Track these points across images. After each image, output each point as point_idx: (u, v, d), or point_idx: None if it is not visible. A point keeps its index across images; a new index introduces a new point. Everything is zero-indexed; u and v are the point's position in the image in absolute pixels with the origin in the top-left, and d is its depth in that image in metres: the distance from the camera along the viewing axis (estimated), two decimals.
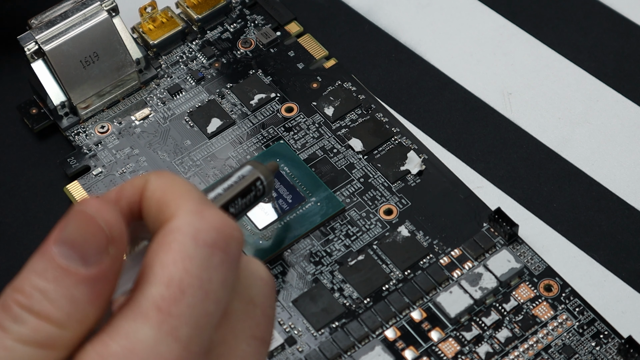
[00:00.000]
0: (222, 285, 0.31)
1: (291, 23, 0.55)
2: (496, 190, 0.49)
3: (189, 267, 0.30)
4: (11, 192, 0.51)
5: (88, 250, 0.30)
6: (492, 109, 0.52)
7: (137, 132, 0.51)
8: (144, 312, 0.30)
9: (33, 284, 0.30)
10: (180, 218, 0.31)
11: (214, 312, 0.31)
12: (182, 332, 0.30)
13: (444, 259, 0.46)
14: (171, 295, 0.30)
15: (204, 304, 0.31)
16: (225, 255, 0.31)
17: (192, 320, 0.30)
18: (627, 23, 0.54)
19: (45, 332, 0.30)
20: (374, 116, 0.51)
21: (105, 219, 0.30)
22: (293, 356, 0.44)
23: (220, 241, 0.31)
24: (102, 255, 0.30)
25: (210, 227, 0.31)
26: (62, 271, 0.30)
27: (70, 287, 0.30)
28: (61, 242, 0.30)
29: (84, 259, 0.30)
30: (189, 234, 0.31)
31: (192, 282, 0.30)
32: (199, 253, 0.31)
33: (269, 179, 0.42)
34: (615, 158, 0.50)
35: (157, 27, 0.54)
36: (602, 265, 0.46)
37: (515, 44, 0.54)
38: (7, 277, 0.48)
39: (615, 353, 0.43)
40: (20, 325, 0.30)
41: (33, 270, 0.30)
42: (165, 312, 0.30)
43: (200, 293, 0.31)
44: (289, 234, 0.47)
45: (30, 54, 0.50)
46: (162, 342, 0.30)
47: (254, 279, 0.34)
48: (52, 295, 0.30)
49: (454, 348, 0.44)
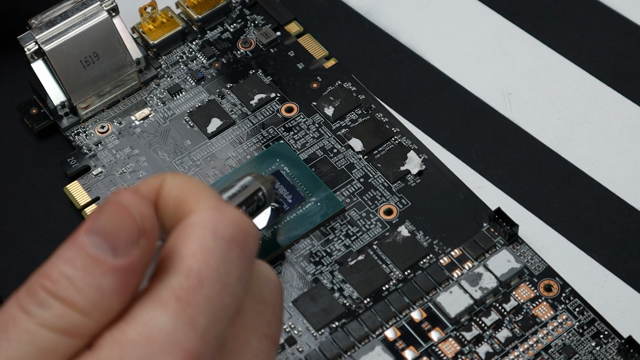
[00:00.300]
0: (238, 280, 0.31)
1: (291, 23, 0.55)
2: (496, 190, 0.49)
3: (208, 260, 0.31)
4: (11, 192, 0.51)
5: (119, 240, 0.30)
6: (492, 109, 0.52)
7: (137, 132, 0.51)
8: (162, 301, 0.30)
9: (61, 270, 0.30)
10: (200, 213, 0.32)
11: (230, 305, 0.31)
12: (199, 322, 0.30)
13: (444, 259, 0.46)
14: (190, 285, 0.30)
15: (221, 296, 0.31)
16: (242, 250, 0.32)
17: (210, 311, 0.31)
18: (627, 23, 0.54)
19: (69, 319, 0.30)
20: (374, 116, 0.51)
21: (140, 211, 0.31)
22: (293, 356, 0.44)
23: (238, 236, 0.32)
24: (133, 246, 0.30)
25: (229, 222, 0.32)
26: (91, 260, 0.30)
27: (98, 276, 0.30)
28: (93, 232, 0.30)
29: (114, 249, 0.30)
30: (208, 227, 0.31)
31: (211, 274, 0.31)
32: (217, 246, 0.31)
33: (269, 189, 0.43)
34: (615, 158, 0.50)
35: (157, 27, 0.54)
36: (602, 265, 0.46)
37: (515, 44, 0.54)
38: (7, 277, 0.48)
39: (615, 353, 0.43)
40: (45, 310, 0.30)
41: (62, 257, 0.30)
42: (184, 302, 0.30)
43: (218, 285, 0.31)
44: (289, 234, 0.47)
45: (30, 54, 0.50)
46: (180, 330, 0.30)
47: (265, 281, 0.34)
48: (79, 283, 0.30)
49: (454, 348, 0.44)
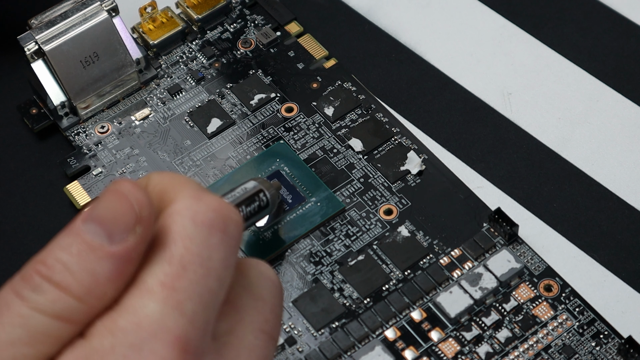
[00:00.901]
0: (222, 264, 0.32)
1: (291, 23, 0.55)
2: (496, 190, 0.49)
3: (189, 245, 0.31)
4: (11, 192, 0.51)
5: (116, 227, 0.30)
6: (492, 109, 0.52)
7: (137, 132, 0.51)
8: (149, 289, 0.31)
9: (56, 256, 0.30)
10: (179, 202, 0.32)
11: (217, 289, 0.32)
12: (187, 306, 0.31)
13: (444, 259, 0.46)
14: (173, 271, 0.31)
15: (206, 280, 0.31)
16: (224, 235, 0.32)
17: (196, 295, 0.31)
18: (627, 23, 0.54)
19: (62, 304, 0.30)
20: (374, 116, 0.51)
21: (137, 198, 0.31)
22: (293, 356, 0.44)
23: (218, 222, 0.32)
24: (129, 233, 0.31)
25: (208, 208, 0.32)
26: (86, 246, 0.30)
27: (93, 261, 0.30)
28: (90, 219, 0.31)
29: (111, 235, 0.30)
30: (187, 215, 0.32)
31: (193, 259, 0.31)
32: (197, 233, 0.31)
33: (272, 193, 0.44)
34: (615, 158, 0.50)
35: (157, 27, 0.54)
36: (602, 265, 0.46)
37: (515, 44, 0.54)
38: (7, 277, 0.48)
39: (615, 353, 0.43)
40: (39, 294, 0.30)
41: (58, 244, 0.30)
42: (170, 287, 0.31)
43: (201, 269, 0.31)
44: (289, 234, 0.47)
45: (30, 54, 0.50)
46: (169, 315, 0.30)
47: (264, 279, 0.34)
48: (74, 268, 0.30)
49: (454, 348, 0.44)
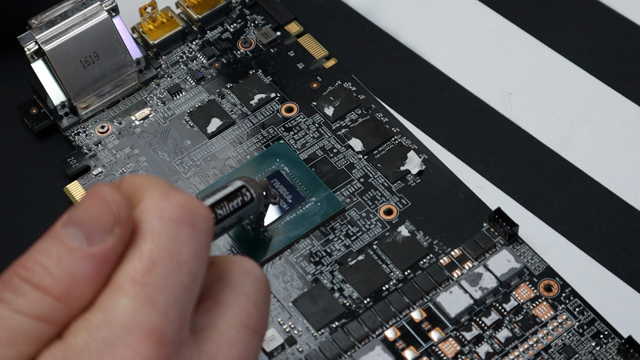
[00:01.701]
0: (193, 258, 0.32)
1: (291, 23, 0.55)
2: (496, 190, 0.49)
3: (157, 241, 0.31)
4: (11, 192, 0.51)
5: (94, 229, 0.31)
6: (492, 109, 0.52)
7: (137, 132, 0.51)
8: (120, 286, 0.31)
9: (36, 259, 0.31)
10: (146, 201, 0.32)
11: (189, 283, 0.32)
12: (159, 300, 0.31)
13: (444, 259, 0.46)
14: (143, 266, 0.31)
15: (176, 274, 0.31)
16: (193, 229, 0.32)
17: (168, 289, 0.31)
18: (627, 23, 0.54)
19: (42, 305, 0.30)
20: (374, 116, 0.51)
21: (115, 200, 0.31)
22: (293, 356, 0.44)
23: (186, 217, 0.32)
24: (108, 234, 0.31)
25: (174, 205, 0.32)
26: (65, 248, 0.31)
27: (72, 263, 0.31)
28: (69, 223, 0.31)
29: (90, 237, 0.31)
30: (154, 213, 0.32)
31: (162, 254, 0.31)
32: (165, 228, 0.32)
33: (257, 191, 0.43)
34: (615, 158, 0.50)
35: (157, 27, 0.54)
36: (602, 265, 0.46)
37: (515, 44, 0.54)
38: None
39: (615, 353, 0.43)
40: (19, 296, 0.30)
41: (37, 248, 0.31)
42: (140, 282, 0.31)
43: (171, 264, 0.31)
44: (289, 234, 0.47)
45: (30, 54, 0.50)
46: (140, 310, 0.31)
47: (247, 275, 0.34)
48: (53, 269, 0.30)
49: (454, 348, 0.44)
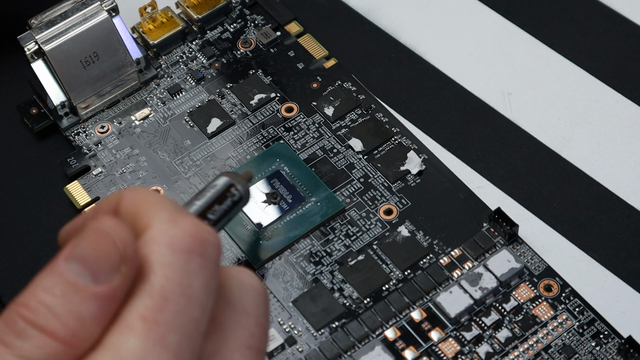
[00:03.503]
0: (204, 290, 0.31)
1: (291, 23, 0.55)
2: (496, 190, 0.49)
3: (169, 275, 0.30)
4: (11, 192, 0.51)
5: (100, 267, 0.29)
6: (492, 109, 0.52)
7: (137, 132, 0.51)
8: (129, 324, 0.30)
9: (40, 299, 0.29)
10: (154, 228, 0.31)
11: (200, 317, 0.31)
12: (170, 339, 0.30)
13: (444, 259, 0.46)
14: (155, 304, 0.30)
15: (188, 309, 0.30)
16: (203, 260, 0.31)
17: (179, 327, 0.30)
18: (627, 23, 0.54)
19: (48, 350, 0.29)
20: (374, 116, 0.51)
21: (121, 237, 0.30)
22: (293, 356, 0.44)
23: (196, 247, 0.31)
24: (114, 273, 0.29)
25: (184, 233, 0.31)
26: (70, 287, 0.29)
27: (77, 303, 0.29)
28: (72, 258, 0.29)
29: (95, 276, 0.29)
30: (164, 243, 0.31)
31: (174, 289, 0.30)
32: (176, 260, 0.30)
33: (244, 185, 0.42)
34: (615, 158, 0.50)
35: (157, 27, 0.54)
36: (602, 265, 0.46)
37: (515, 44, 0.54)
38: (7, 277, 0.48)
39: (615, 353, 0.43)
40: (24, 340, 0.29)
41: (40, 285, 0.29)
42: (151, 321, 0.30)
43: (183, 299, 0.30)
44: (289, 234, 0.47)
45: (30, 54, 0.50)
46: (151, 351, 0.29)
47: (246, 289, 0.33)
48: (59, 311, 0.29)
49: (454, 348, 0.44)
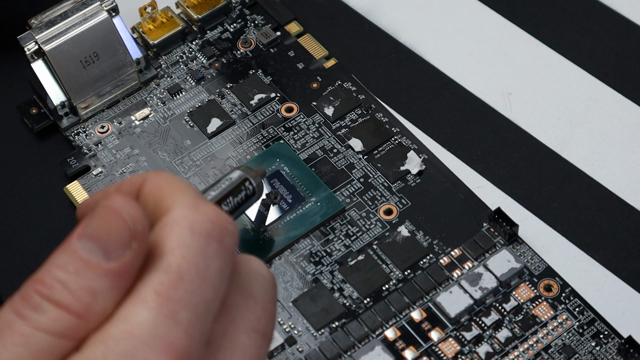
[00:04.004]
0: (218, 274, 0.32)
1: (291, 23, 0.55)
2: (496, 190, 0.49)
3: (186, 255, 0.31)
4: (11, 192, 0.51)
5: (111, 244, 0.31)
6: (492, 109, 0.52)
7: (137, 132, 0.51)
8: (143, 297, 0.31)
9: (54, 275, 0.30)
10: (177, 211, 0.32)
11: (212, 299, 0.32)
12: (181, 316, 0.31)
13: (444, 259, 0.46)
14: (170, 280, 0.31)
15: (202, 290, 0.31)
16: (220, 245, 0.32)
17: (192, 305, 0.31)
18: (627, 23, 0.54)
19: (63, 322, 0.30)
20: (374, 116, 0.51)
21: (131, 214, 0.31)
22: (293, 356, 0.44)
23: (215, 232, 0.32)
24: (125, 249, 0.31)
25: (205, 218, 0.32)
26: (83, 264, 0.30)
27: (91, 279, 0.30)
28: (85, 236, 0.31)
29: (107, 252, 0.30)
30: (185, 225, 0.32)
31: (190, 269, 0.31)
32: (195, 242, 0.32)
33: (257, 181, 0.43)
34: (615, 158, 0.50)
35: (157, 27, 0.54)
36: (602, 265, 0.46)
37: (515, 44, 0.54)
38: (7, 277, 0.48)
39: (615, 353, 0.43)
40: (40, 314, 0.30)
41: (55, 263, 0.31)
42: (165, 297, 0.31)
43: (198, 279, 0.31)
44: (289, 234, 0.47)
45: (30, 54, 0.50)
46: (162, 324, 0.30)
47: (255, 276, 0.34)
48: (73, 287, 0.30)
49: (454, 348, 0.44)
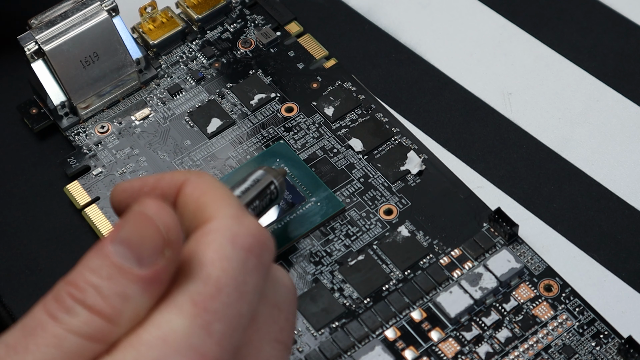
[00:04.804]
0: (254, 289, 0.32)
1: (291, 23, 0.55)
2: (496, 190, 0.49)
3: (227, 267, 0.31)
4: (11, 192, 0.51)
5: (144, 251, 0.31)
6: (492, 109, 0.52)
7: (137, 132, 0.51)
8: (179, 305, 0.31)
9: (87, 279, 0.30)
10: (219, 220, 0.32)
11: (246, 314, 0.32)
12: (215, 328, 0.31)
13: (444, 259, 0.46)
14: (208, 291, 0.31)
15: (238, 304, 0.31)
16: (259, 261, 0.32)
17: (226, 318, 0.31)
18: (627, 23, 0.54)
19: (95, 326, 0.30)
20: (374, 116, 0.51)
21: (164, 222, 0.31)
22: (293, 356, 0.44)
23: (255, 247, 0.32)
24: (158, 257, 0.31)
25: (247, 232, 0.32)
26: (116, 269, 0.30)
27: (123, 285, 0.30)
28: (118, 241, 0.31)
29: (140, 259, 0.31)
30: (227, 236, 0.32)
31: (229, 282, 0.31)
32: (236, 255, 0.32)
33: (280, 182, 0.43)
34: (615, 158, 0.50)
35: (157, 27, 0.54)
36: (602, 265, 0.46)
37: (515, 44, 0.54)
38: (7, 277, 0.48)
39: (615, 353, 0.43)
40: (72, 316, 0.30)
41: (87, 266, 0.31)
42: (201, 307, 0.31)
43: (235, 293, 0.31)
44: (289, 234, 0.47)
45: (30, 54, 0.50)
46: (195, 334, 0.30)
47: (279, 286, 0.34)
48: (105, 292, 0.30)
49: (454, 348, 0.44)
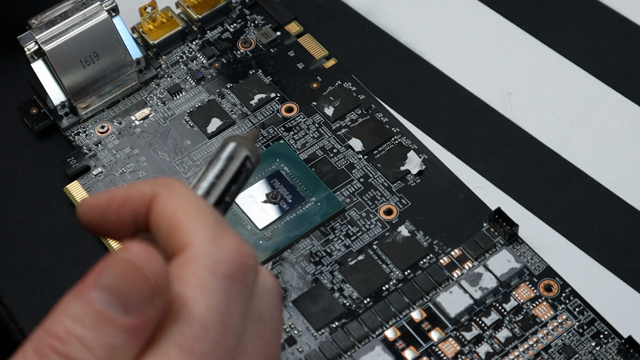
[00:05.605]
0: (240, 317, 0.30)
1: (291, 23, 0.55)
2: (496, 190, 0.49)
3: (210, 302, 0.30)
4: (11, 192, 0.51)
5: (132, 299, 0.29)
6: (492, 109, 0.52)
7: (137, 132, 0.51)
8: (165, 352, 0.29)
9: (69, 329, 0.28)
10: (196, 248, 0.30)
11: (234, 345, 0.30)
12: None
13: (444, 259, 0.46)
14: (194, 332, 0.29)
15: (225, 338, 0.30)
16: (243, 285, 0.31)
17: (214, 355, 0.29)
18: (627, 23, 0.54)
19: None
20: (374, 116, 0.51)
21: (153, 270, 0.29)
22: (293, 356, 0.44)
23: (238, 272, 0.30)
24: (146, 305, 0.29)
25: (227, 258, 0.30)
26: (101, 318, 0.28)
27: (109, 335, 0.28)
28: (101, 288, 0.29)
29: (126, 307, 0.29)
30: (206, 266, 0.30)
31: (214, 319, 0.30)
32: (217, 286, 0.30)
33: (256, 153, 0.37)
34: (615, 158, 0.50)
35: (157, 27, 0.54)
36: (602, 265, 0.46)
37: (515, 44, 0.54)
38: (7, 277, 0.48)
39: (615, 353, 0.43)
40: None
41: (68, 314, 0.29)
42: (188, 351, 0.29)
43: (222, 329, 0.30)
44: (289, 234, 0.47)
45: (30, 54, 0.50)
46: None
47: (263, 293, 0.33)
48: (91, 344, 0.28)
49: (454, 348, 0.44)
